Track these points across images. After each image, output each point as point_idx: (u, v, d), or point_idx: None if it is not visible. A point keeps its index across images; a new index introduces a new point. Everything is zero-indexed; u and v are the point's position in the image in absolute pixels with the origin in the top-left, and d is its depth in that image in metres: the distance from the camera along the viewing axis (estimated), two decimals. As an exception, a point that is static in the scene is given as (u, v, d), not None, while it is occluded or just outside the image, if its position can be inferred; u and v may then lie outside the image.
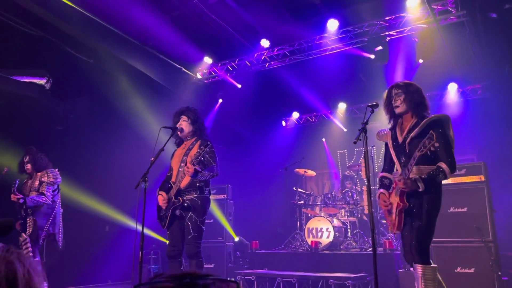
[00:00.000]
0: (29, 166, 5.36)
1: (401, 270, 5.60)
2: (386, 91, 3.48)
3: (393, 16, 6.96)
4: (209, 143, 3.99)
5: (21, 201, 5.02)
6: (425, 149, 2.87)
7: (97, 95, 7.56)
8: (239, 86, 8.87)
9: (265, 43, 7.82)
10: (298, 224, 7.97)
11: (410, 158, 3.10)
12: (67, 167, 5.96)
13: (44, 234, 5.18)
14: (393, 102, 3.36)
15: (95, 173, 7.16)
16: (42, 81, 7.04)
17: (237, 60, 8.49)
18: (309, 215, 7.94)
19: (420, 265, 3.03)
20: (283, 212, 9.18)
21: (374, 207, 7.11)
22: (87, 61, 7.01)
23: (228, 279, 0.78)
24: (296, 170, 8.47)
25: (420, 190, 3.03)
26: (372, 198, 3.26)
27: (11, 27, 5.90)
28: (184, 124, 4.24)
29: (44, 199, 5.15)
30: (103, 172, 7.26)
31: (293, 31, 7.62)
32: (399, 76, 8.33)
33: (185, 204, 4.01)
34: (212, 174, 4.04)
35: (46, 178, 5.29)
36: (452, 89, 9.00)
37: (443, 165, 3.05)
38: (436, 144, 2.92)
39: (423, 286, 2.98)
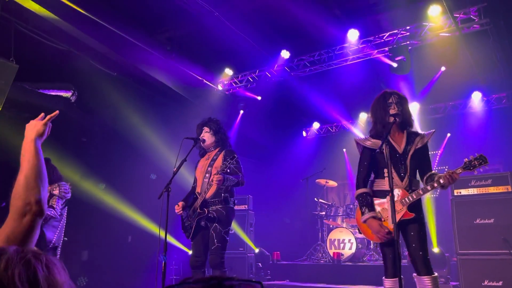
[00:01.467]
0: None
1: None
2: (380, 96, 3.40)
3: (414, 25, 6.91)
4: (235, 155, 4.00)
5: None
6: (473, 168, 3.16)
7: (120, 107, 7.71)
8: (259, 98, 8.91)
9: (285, 54, 7.86)
10: (320, 235, 7.90)
11: (412, 169, 3.19)
12: (91, 178, 6.08)
13: (50, 247, 5.25)
14: (390, 109, 3.26)
15: (119, 184, 7.27)
16: (67, 94, 7.22)
17: (257, 71, 8.55)
18: (331, 226, 7.87)
19: (427, 276, 3.02)
20: (305, 223, 9.12)
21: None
22: (111, 74, 7.18)
23: (253, 280, 0.79)
24: (317, 180, 8.43)
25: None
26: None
27: (39, 42, 6.10)
28: (206, 135, 4.28)
29: (53, 212, 5.22)
30: (126, 183, 7.36)
31: (313, 41, 7.64)
32: (420, 85, 8.24)
33: (210, 215, 4.03)
34: (238, 180, 4.06)
35: (57, 192, 5.36)
36: (476, 98, 8.84)
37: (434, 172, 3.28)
38: (486, 166, 3.19)
39: None
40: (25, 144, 1.66)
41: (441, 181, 3.05)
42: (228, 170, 3.97)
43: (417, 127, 9.24)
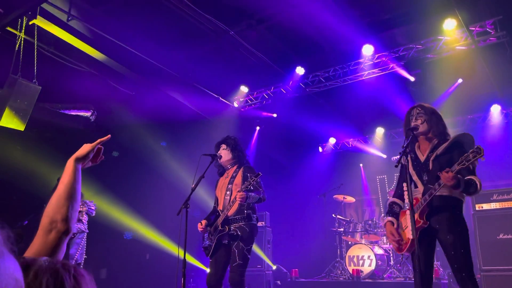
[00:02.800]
0: None
1: (449, 301, 5.35)
2: (408, 110, 3.42)
3: (430, 39, 6.90)
4: (259, 173, 4.00)
5: None
6: (467, 162, 2.78)
7: (138, 125, 7.83)
8: (275, 115, 8.96)
9: (300, 70, 7.91)
10: (338, 251, 7.80)
11: (433, 175, 3.03)
12: (109, 196, 6.16)
13: (72, 263, 5.31)
14: (412, 121, 3.28)
15: (137, 202, 7.34)
16: (87, 114, 7.38)
17: (272, 88, 8.61)
18: (350, 242, 7.77)
19: None
20: (323, 239, 9.03)
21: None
22: (130, 94, 7.32)
23: None
24: (334, 196, 8.36)
25: (459, 190, 2.88)
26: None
27: (60, 63, 6.28)
28: (224, 152, 4.30)
29: (84, 227, 5.33)
30: (145, 200, 7.43)
31: (328, 57, 7.68)
32: (438, 99, 8.18)
33: (233, 232, 4.01)
34: (259, 197, 4.06)
35: (84, 209, 5.48)
36: (496, 110, 8.72)
37: (476, 179, 2.91)
38: (476, 163, 2.84)
39: None
40: (66, 164, 1.70)
41: (440, 181, 2.92)
42: (252, 188, 3.98)
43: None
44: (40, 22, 5.59)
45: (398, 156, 3.10)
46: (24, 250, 1.34)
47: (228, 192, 4.14)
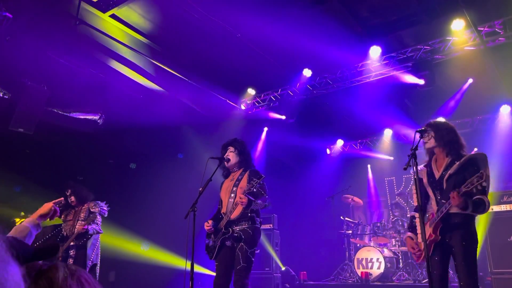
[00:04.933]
0: (73, 198, 5.52)
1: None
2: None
3: (438, 40, 6.85)
4: (261, 175, 3.99)
5: (86, 227, 5.20)
6: (472, 186, 2.92)
7: (145, 129, 7.86)
8: (283, 117, 8.93)
9: (307, 72, 7.89)
10: (347, 254, 7.76)
11: (446, 194, 3.13)
12: (117, 200, 6.18)
13: (89, 263, 5.34)
14: (424, 139, 3.39)
15: (142, 205, 7.35)
16: (95, 117, 7.43)
17: (279, 90, 8.60)
18: (358, 245, 7.73)
19: None
20: (331, 242, 8.99)
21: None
22: (137, 97, 7.35)
23: None
24: (343, 196, 8.33)
25: (468, 211, 3.02)
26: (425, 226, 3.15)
27: (68, 68, 6.33)
28: (231, 155, 4.29)
29: (98, 228, 5.36)
30: (151, 203, 7.44)
31: (335, 59, 7.64)
32: (446, 99, 8.12)
33: (236, 235, 4.00)
34: (265, 204, 4.06)
35: (97, 209, 5.50)
36: (505, 111, 8.62)
37: (486, 199, 3.06)
38: (484, 184, 2.92)
39: None
40: (28, 219, 2.14)
41: (450, 200, 3.03)
42: (254, 190, 3.95)
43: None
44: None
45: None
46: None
47: (232, 195, 4.14)
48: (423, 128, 3.25)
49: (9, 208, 6.08)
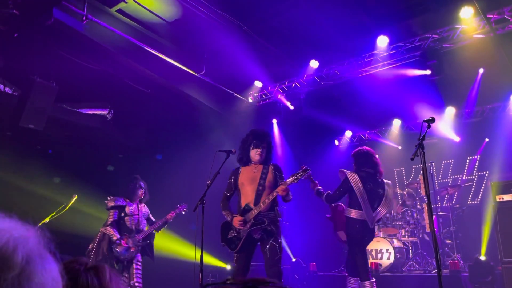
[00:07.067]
0: (142, 192, 5.79)
1: (470, 293, 5.28)
2: None
3: (446, 28, 6.76)
4: (308, 168, 4.18)
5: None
6: None
7: (154, 123, 7.90)
8: (292, 107, 8.91)
9: (314, 63, 7.85)
10: (356, 245, 7.76)
11: None
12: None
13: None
14: None
15: (152, 199, 7.40)
16: (104, 112, 7.49)
17: (287, 82, 8.57)
18: (367, 236, 7.72)
19: None
20: (340, 233, 8.97)
21: (436, 226, 6.81)
22: (145, 91, 7.38)
23: (287, 286, 0.80)
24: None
25: None
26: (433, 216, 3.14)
27: (76, 63, 6.37)
28: (264, 151, 4.30)
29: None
30: (161, 196, 7.49)
31: (342, 49, 7.60)
32: (454, 89, 8.03)
33: (267, 227, 4.04)
34: (291, 197, 4.22)
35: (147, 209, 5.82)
36: (516, 99, 8.51)
37: None
38: None
39: None
40: None
41: None
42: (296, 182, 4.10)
43: (452, 132, 8.99)
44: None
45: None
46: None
47: (260, 187, 4.13)
48: (430, 118, 3.22)
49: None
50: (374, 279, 4.61)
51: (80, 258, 1.01)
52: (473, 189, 8.91)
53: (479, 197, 8.78)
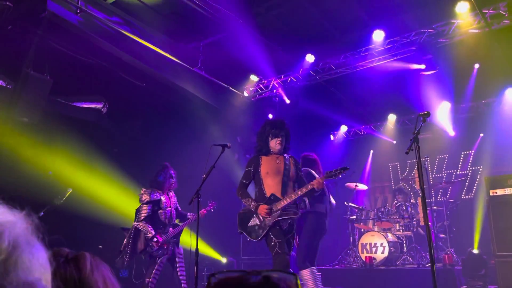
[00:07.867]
0: (174, 181, 5.63)
1: (463, 287, 5.33)
2: None
3: (442, 23, 6.77)
4: (347, 167, 4.13)
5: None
6: None
7: (149, 117, 7.86)
8: (288, 101, 8.90)
9: (310, 58, 7.84)
10: (351, 239, 7.80)
11: None
12: (124, 185, 6.22)
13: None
14: None
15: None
16: (99, 106, 7.44)
17: (282, 76, 8.56)
18: (362, 230, 7.76)
19: None
20: (335, 227, 9.01)
21: (430, 220, 6.85)
22: (140, 85, 7.34)
23: (290, 272, 0.81)
24: (346, 184, 8.33)
25: None
26: (428, 210, 3.16)
27: (70, 56, 6.32)
28: (283, 140, 4.30)
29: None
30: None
31: (338, 44, 7.59)
32: (450, 84, 8.06)
33: (295, 218, 4.13)
34: (319, 192, 4.28)
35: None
36: (510, 95, 8.55)
37: None
38: None
39: None
40: None
41: None
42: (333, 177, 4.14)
43: (449, 126, 9.03)
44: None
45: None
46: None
47: (285, 178, 4.13)
48: (425, 112, 3.23)
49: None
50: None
51: (61, 249, 1.00)
52: (467, 183, 8.97)
53: (473, 191, 8.85)
